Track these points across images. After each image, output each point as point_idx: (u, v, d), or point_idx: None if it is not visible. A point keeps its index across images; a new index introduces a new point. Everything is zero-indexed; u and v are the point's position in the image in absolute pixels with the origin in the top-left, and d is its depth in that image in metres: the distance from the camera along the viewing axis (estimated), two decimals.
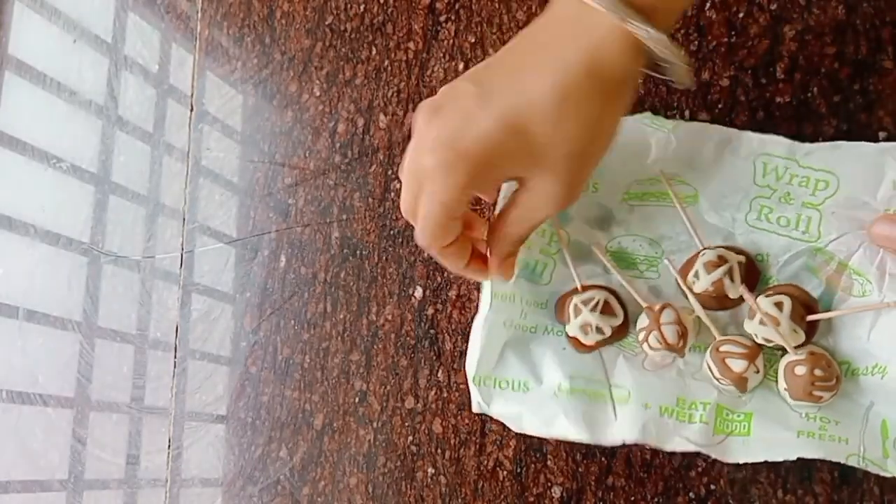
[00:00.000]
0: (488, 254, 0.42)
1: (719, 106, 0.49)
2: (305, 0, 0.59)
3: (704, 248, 0.45)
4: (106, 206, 0.64)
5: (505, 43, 0.53)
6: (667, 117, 0.48)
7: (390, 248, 0.53)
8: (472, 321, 0.48)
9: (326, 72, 0.58)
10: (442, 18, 0.55)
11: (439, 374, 0.51)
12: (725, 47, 0.49)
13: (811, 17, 0.48)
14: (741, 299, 0.44)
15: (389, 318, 0.53)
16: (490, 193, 0.47)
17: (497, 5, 0.54)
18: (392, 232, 0.54)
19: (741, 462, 0.41)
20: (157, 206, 0.62)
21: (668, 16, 0.34)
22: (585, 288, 0.47)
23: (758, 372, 0.42)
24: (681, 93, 0.49)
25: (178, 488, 0.57)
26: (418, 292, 0.52)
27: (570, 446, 0.47)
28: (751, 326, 0.43)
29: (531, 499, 0.48)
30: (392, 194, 0.54)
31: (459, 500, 0.49)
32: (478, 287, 0.48)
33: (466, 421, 0.50)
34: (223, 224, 0.59)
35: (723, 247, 0.45)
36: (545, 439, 0.48)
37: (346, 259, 0.55)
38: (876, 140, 0.45)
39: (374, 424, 0.52)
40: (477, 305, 0.48)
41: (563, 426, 0.44)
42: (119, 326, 0.62)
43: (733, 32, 0.49)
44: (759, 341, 0.43)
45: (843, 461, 0.39)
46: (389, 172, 0.55)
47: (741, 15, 0.49)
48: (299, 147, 0.57)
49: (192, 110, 0.62)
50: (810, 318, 0.42)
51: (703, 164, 0.46)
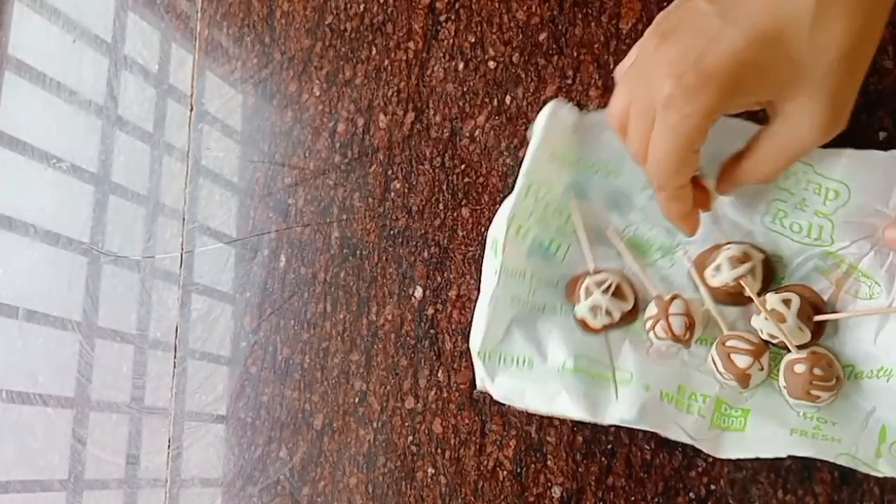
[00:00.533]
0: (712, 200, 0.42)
1: None
2: (305, 0, 0.59)
3: (729, 243, 0.45)
4: (106, 206, 0.64)
5: (506, 43, 0.53)
6: None
7: (390, 248, 0.53)
8: (472, 320, 0.48)
9: (326, 71, 0.58)
10: (442, 18, 0.55)
11: (439, 374, 0.51)
12: None
13: None
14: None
15: (389, 318, 0.53)
16: None
17: (497, 5, 0.54)
18: (392, 232, 0.54)
19: (732, 458, 0.41)
20: (156, 205, 0.62)
21: None
22: (598, 271, 0.46)
23: (762, 370, 0.42)
24: None
25: (178, 488, 0.57)
26: (418, 292, 0.52)
27: (571, 446, 0.47)
28: (757, 322, 0.43)
29: (531, 499, 0.48)
30: (392, 194, 0.54)
31: (459, 500, 0.49)
32: (478, 287, 0.48)
33: (466, 421, 0.50)
34: (223, 224, 0.59)
35: (747, 243, 0.45)
36: (546, 439, 0.48)
37: (345, 259, 0.55)
38: (876, 140, 0.45)
39: (374, 424, 0.52)
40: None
41: (564, 403, 0.44)
42: (119, 326, 0.62)
43: None
44: (765, 337, 0.43)
45: (832, 459, 0.39)
46: (389, 172, 0.55)
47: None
48: (299, 147, 0.57)
49: (191, 110, 0.62)
50: (817, 318, 0.42)
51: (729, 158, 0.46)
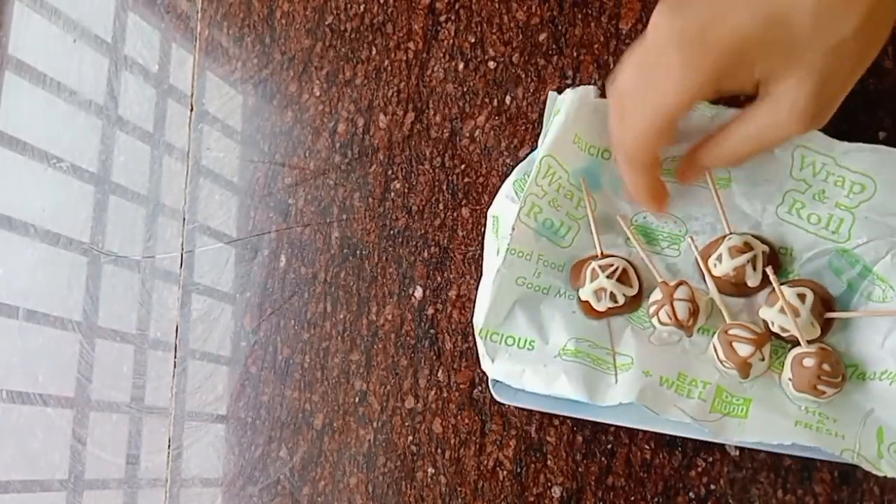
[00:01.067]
0: (680, 175, 0.43)
1: (718, 105, 0.49)
2: (305, 0, 0.59)
3: (731, 233, 0.45)
4: (106, 206, 0.64)
5: (506, 43, 0.53)
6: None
7: (390, 248, 0.53)
8: (472, 320, 0.48)
9: (326, 72, 0.58)
10: (442, 18, 0.55)
11: (439, 374, 0.51)
12: None
13: None
14: (758, 288, 0.44)
15: (389, 318, 0.53)
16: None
17: (497, 5, 0.54)
18: (392, 232, 0.54)
19: (735, 442, 0.41)
20: (157, 205, 0.62)
21: None
22: (605, 255, 0.47)
23: (763, 360, 0.42)
24: None
25: (178, 488, 0.57)
26: (418, 292, 0.52)
27: (571, 446, 0.47)
28: (769, 313, 0.43)
29: (531, 498, 0.48)
30: (392, 194, 0.54)
31: (459, 499, 0.49)
32: (478, 286, 0.48)
33: (466, 421, 0.50)
34: (223, 224, 0.59)
35: (749, 234, 0.45)
36: (546, 438, 0.48)
37: (346, 259, 0.55)
38: (877, 140, 0.45)
39: (374, 424, 0.52)
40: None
41: (563, 385, 0.44)
42: (119, 326, 0.62)
43: None
44: (775, 329, 0.43)
45: (837, 453, 0.39)
46: (389, 172, 0.55)
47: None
48: (299, 147, 0.57)
49: (192, 110, 0.62)
50: (829, 315, 0.42)
51: None
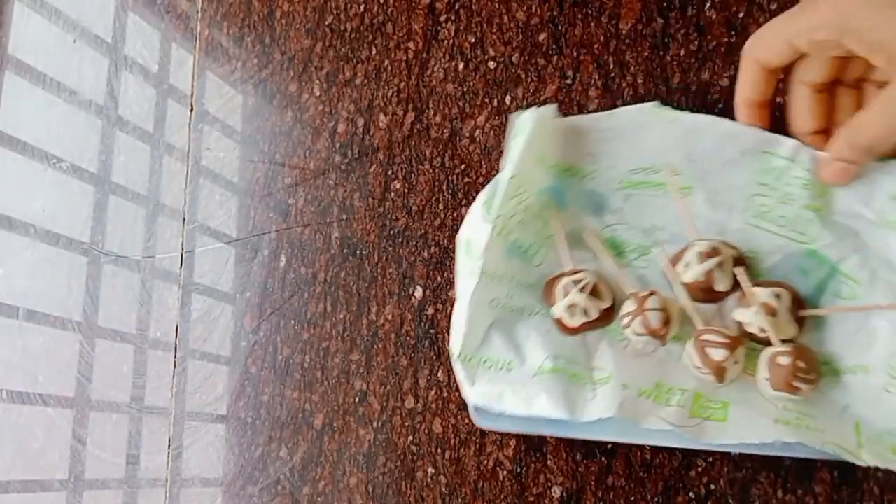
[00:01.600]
0: (831, 175, 0.42)
1: (719, 105, 0.49)
2: (305, 0, 0.59)
3: (698, 239, 0.45)
4: (106, 205, 0.64)
5: (506, 43, 0.53)
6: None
7: (390, 248, 0.53)
8: (449, 346, 0.48)
9: (326, 72, 0.58)
10: (442, 18, 0.55)
11: (439, 374, 0.51)
12: (726, 47, 0.49)
13: None
14: (728, 293, 0.44)
15: (389, 318, 0.53)
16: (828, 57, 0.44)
17: (497, 5, 0.54)
18: (392, 232, 0.54)
19: (716, 445, 0.41)
20: (157, 205, 0.62)
21: None
22: (576, 271, 0.47)
23: (737, 363, 0.42)
24: (681, 92, 0.49)
25: (178, 488, 0.57)
26: (418, 292, 0.52)
27: (570, 446, 0.47)
28: (745, 315, 0.43)
29: (531, 499, 0.48)
30: (392, 194, 0.54)
31: (459, 499, 0.49)
32: None
33: (466, 421, 0.50)
34: (223, 224, 0.59)
35: (716, 239, 0.45)
36: (546, 439, 0.48)
37: (346, 259, 0.55)
38: None
39: (374, 424, 0.52)
40: None
41: (542, 404, 0.44)
42: (119, 326, 0.62)
43: (733, 32, 0.49)
44: (752, 331, 0.43)
45: (819, 447, 0.39)
46: (389, 172, 0.55)
47: (741, 15, 0.49)
48: (299, 147, 0.57)
49: (191, 110, 0.62)
50: (802, 313, 0.43)
51: (704, 156, 0.46)
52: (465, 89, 0.54)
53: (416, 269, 0.53)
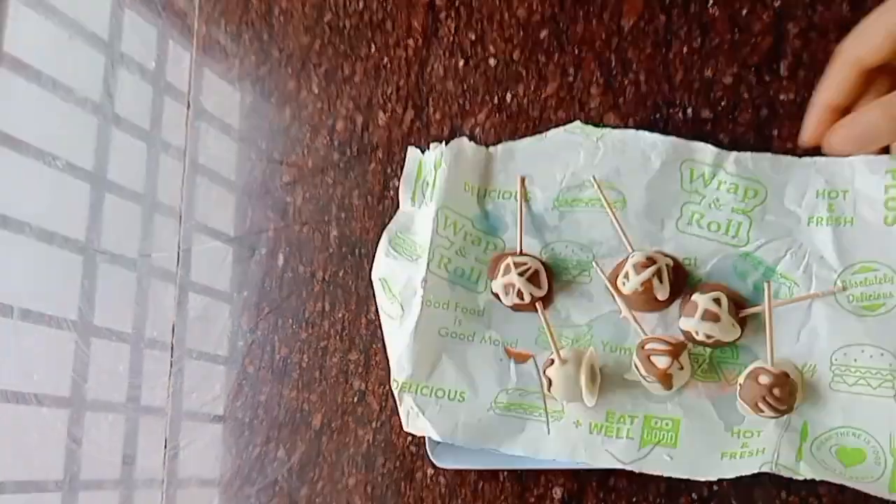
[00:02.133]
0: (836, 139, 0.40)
1: (722, 103, 0.48)
2: None
3: (634, 251, 0.46)
4: (102, 204, 0.64)
5: (507, 40, 0.53)
6: (637, 121, 0.50)
7: None
8: (392, 377, 0.48)
9: (325, 69, 0.57)
10: (442, 15, 0.55)
11: None
12: (729, 44, 0.49)
13: (815, 15, 0.47)
14: (668, 301, 0.45)
15: None
16: None
17: (497, 2, 0.53)
18: None
19: (665, 475, 0.43)
20: (153, 204, 0.62)
21: None
22: (524, 254, 0.48)
23: (682, 369, 0.43)
24: (684, 89, 0.49)
25: (175, 489, 0.57)
26: None
27: None
28: (689, 323, 0.44)
29: (532, 499, 0.48)
30: (391, 192, 0.54)
31: (459, 500, 0.49)
32: None
33: None
34: (220, 222, 0.59)
35: (652, 250, 0.46)
36: None
37: (344, 258, 0.54)
38: (768, 147, 0.47)
39: (373, 424, 0.51)
40: None
41: (496, 439, 0.45)
42: (115, 325, 0.61)
43: (737, 29, 0.49)
44: (700, 338, 0.43)
45: (756, 471, 0.40)
46: (388, 170, 0.54)
47: (745, 12, 0.48)
48: (297, 145, 0.57)
49: (188, 108, 0.62)
50: (743, 313, 0.44)
51: (631, 170, 0.47)
52: (465, 87, 0.53)
53: None
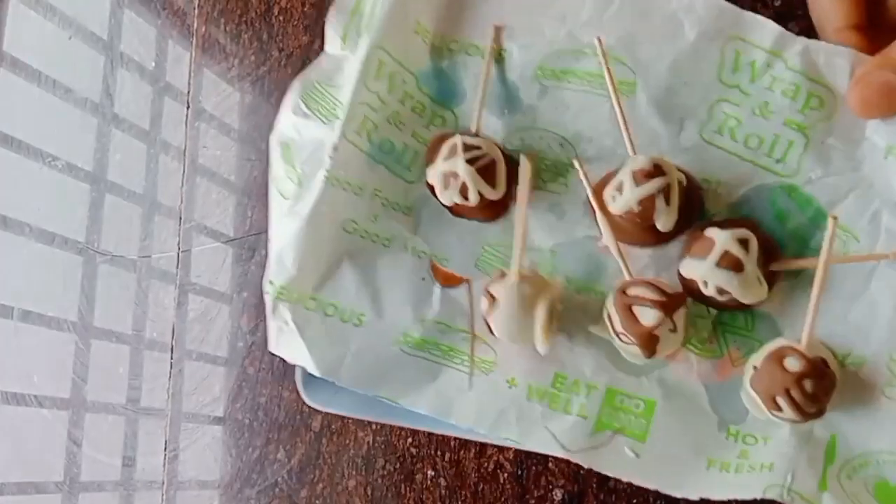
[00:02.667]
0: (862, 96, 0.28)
1: None
2: None
3: (636, 156, 0.33)
4: (101, 204, 0.64)
5: None
6: None
7: None
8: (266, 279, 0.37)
9: None
10: None
11: None
12: None
13: None
14: (671, 235, 0.32)
15: None
16: None
17: None
18: None
19: (620, 478, 0.32)
20: (153, 204, 0.62)
21: None
22: (479, 135, 0.34)
23: (673, 330, 0.31)
24: None
25: (175, 490, 0.56)
26: None
27: None
28: (696, 268, 0.31)
29: (532, 501, 0.48)
30: None
31: (459, 502, 0.49)
32: None
33: None
34: (220, 223, 0.59)
35: (661, 158, 0.33)
36: None
37: None
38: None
39: (373, 426, 0.51)
40: None
41: (395, 387, 0.34)
42: (115, 327, 0.61)
43: None
44: (708, 292, 0.31)
45: (757, 496, 0.30)
46: None
47: None
48: None
49: (188, 108, 0.62)
50: (774, 266, 0.31)
51: (652, 40, 0.33)
52: None
53: None
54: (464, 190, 0.33)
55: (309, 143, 0.36)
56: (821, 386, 0.29)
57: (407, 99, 0.36)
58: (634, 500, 0.46)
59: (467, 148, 0.33)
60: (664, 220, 0.31)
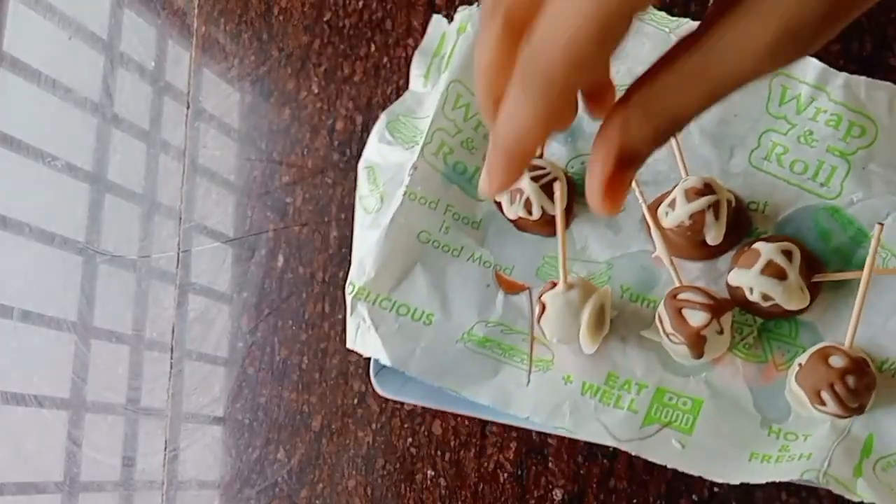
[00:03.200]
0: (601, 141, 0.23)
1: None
2: None
3: (688, 177, 0.36)
4: (101, 204, 0.64)
5: None
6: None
7: None
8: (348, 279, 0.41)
9: (325, 69, 0.57)
10: (442, 14, 0.54)
11: None
12: None
13: None
14: (720, 250, 0.35)
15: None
16: None
17: None
18: None
19: (667, 466, 0.35)
20: (153, 204, 0.62)
21: None
22: (543, 157, 0.38)
23: (721, 332, 0.33)
24: None
25: (175, 491, 0.56)
26: None
27: (572, 448, 0.47)
28: (743, 277, 0.34)
29: (532, 501, 0.48)
30: None
31: (459, 502, 0.49)
32: None
33: (466, 422, 0.49)
34: (220, 223, 0.59)
35: (711, 178, 0.36)
36: (547, 440, 0.47)
37: (344, 258, 0.54)
38: (884, 71, 0.40)
39: (373, 426, 0.51)
40: None
41: (459, 379, 0.37)
42: (115, 327, 0.61)
43: None
44: (754, 298, 0.34)
45: (795, 479, 0.33)
46: None
47: None
48: (297, 145, 0.57)
49: (188, 108, 0.62)
50: (817, 278, 0.34)
51: None
52: None
53: None
54: (528, 205, 0.37)
55: (392, 166, 0.40)
56: (862, 383, 0.31)
57: (480, 126, 0.40)
58: (634, 501, 0.46)
59: (533, 168, 0.37)
60: (713, 234, 0.34)
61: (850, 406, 0.31)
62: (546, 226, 0.38)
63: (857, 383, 0.31)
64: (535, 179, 0.36)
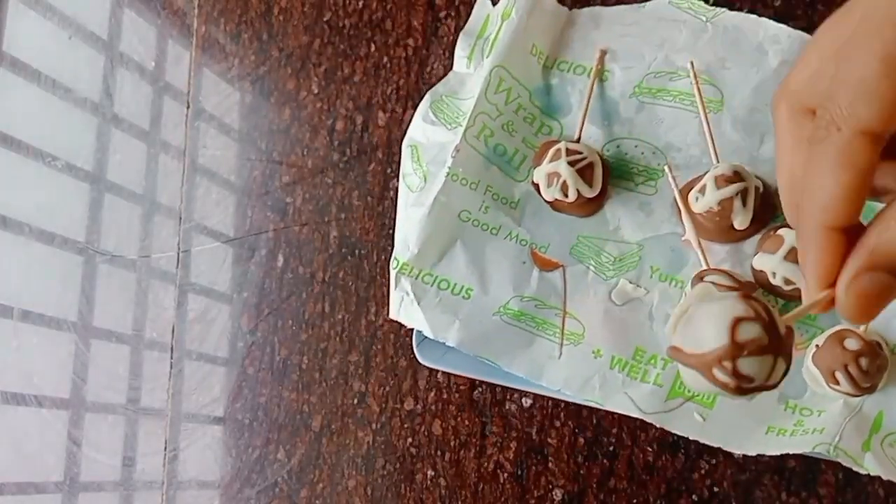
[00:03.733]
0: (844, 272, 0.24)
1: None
2: None
3: (718, 164, 0.38)
4: (101, 204, 0.64)
5: None
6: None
7: (389, 248, 0.53)
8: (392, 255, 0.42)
9: (325, 69, 0.57)
10: (442, 14, 0.54)
11: (439, 376, 0.50)
12: None
13: (815, 14, 0.47)
14: (746, 234, 0.37)
15: (389, 318, 0.52)
16: None
17: None
18: (391, 231, 0.53)
19: (688, 436, 0.36)
20: (153, 204, 0.62)
21: None
22: (579, 141, 0.40)
23: None
24: None
25: (175, 491, 0.56)
26: None
27: (572, 448, 0.47)
28: (767, 261, 0.35)
29: (532, 501, 0.48)
30: (391, 192, 0.54)
31: (459, 502, 0.49)
32: None
33: (466, 422, 0.49)
34: (220, 223, 0.59)
35: (740, 165, 0.38)
36: (547, 440, 0.47)
37: (344, 258, 0.54)
38: None
39: (373, 426, 0.51)
40: None
41: (495, 349, 0.39)
42: (115, 327, 0.61)
43: None
44: (776, 282, 0.36)
45: (808, 451, 0.35)
46: (388, 171, 0.54)
47: (744, 12, 0.48)
48: (297, 145, 0.57)
49: (188, 108, 0.61)
50: None
51: (740, 65, 0.39)
52: None
53: None
54: (564, 188, 0.39)
55: (435, 145, 0.42)
56: (875, 364, 0.33)
57: (520, 110, 0.41)
58: (634, 501, 0.46)
59: (570, 153, 0.38)
60: (741, 220, 0.36)
61: (863, 386, 0.34)
62: (581, 207, 0.40)
63: (869, 365, 0.33)
64: (571, 164, 0.38)
